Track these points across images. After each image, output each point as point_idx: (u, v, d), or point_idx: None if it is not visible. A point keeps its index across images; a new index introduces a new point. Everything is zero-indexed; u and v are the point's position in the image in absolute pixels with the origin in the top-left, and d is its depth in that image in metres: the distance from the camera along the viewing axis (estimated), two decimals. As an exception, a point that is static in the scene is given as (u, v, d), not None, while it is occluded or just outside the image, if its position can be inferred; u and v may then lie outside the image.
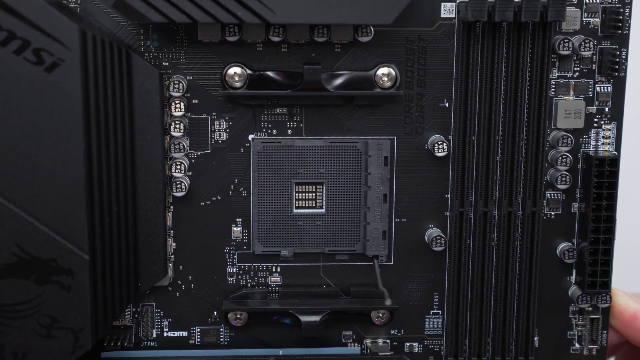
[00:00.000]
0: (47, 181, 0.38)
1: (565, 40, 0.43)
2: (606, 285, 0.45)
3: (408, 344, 0.46)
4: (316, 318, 0.44)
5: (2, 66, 0.37)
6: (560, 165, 0.44)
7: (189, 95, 0.43)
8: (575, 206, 0.45)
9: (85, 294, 0.39)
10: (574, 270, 0.46)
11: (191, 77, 0.43)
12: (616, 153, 0.44)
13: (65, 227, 0.39)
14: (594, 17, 0.43)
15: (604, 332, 0.46)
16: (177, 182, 0.43)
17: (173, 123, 0.42)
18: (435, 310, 0.46)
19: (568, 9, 0.43)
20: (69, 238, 0.39)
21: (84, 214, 0.39)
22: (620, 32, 0.43)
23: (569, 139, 0.44)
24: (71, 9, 0.41)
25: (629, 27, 0.43)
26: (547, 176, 0.44)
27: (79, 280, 0.39)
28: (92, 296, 0.40)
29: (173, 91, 0.42)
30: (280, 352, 0.45)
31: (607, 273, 0.44)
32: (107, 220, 0.40)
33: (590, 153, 0.44)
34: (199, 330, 0.46)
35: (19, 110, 0.38)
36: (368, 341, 0.46)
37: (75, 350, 0.40)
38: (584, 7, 0.43)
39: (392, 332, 0.46)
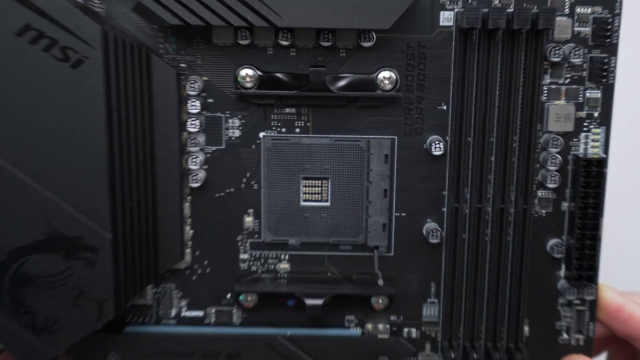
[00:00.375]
0: (74, 167, 0.39)
1: (557, 48, 0.41)
2: (592, 278, 0.43)
3: (406, 330, 0.45)
4: (319, 301, 0.43)
5: (32, 63, 0.37)
6: (550, 166, 0.42)
7: (204, 94, 0.43)
8: (565, 205, 0.43)
9: (108, 269, 0.40)
10: (563, 265, 0.44)
11: (207, 78, 0.43)
12: (604, 155, 0.42)
13: (90, 208, 0.39)
14: (585, 27, 0.42)
15: (591, 323, 0.45)
16: (194, 174, 0.43)
17: (189, 120, 0.42)
18: (432, 299, 0.45)
19: (560, 18, 0.41)
20: (94, 218, 0.39)
21: (106, 197, 0.39)
22: (609, 41, 0.42)
23: (559, 141, 0.42)
24: (96, 12, 0.41)
25: (617, 37, 0.42)
26: (539, 176, 0.43)
27: (103, 257, 0.39)
28: (114, 271, 0.40)
29: (189, 90, 0.42)
30: (288, 332, 0.44)
31: (593, 267, 0.43)
32: (129, 205, 0.40)
33: (580, 155, 0.42)
34: (213, 311, 0.45)
35: (48, 103, 0.38)
36: (369, 325, 0.45)
37: (99, 319, 0.40)
38: (575, 17, 0.42)
39: (392, 318, 0.45)
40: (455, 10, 0.42)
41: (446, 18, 0.42)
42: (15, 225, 0.38)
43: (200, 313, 0.45)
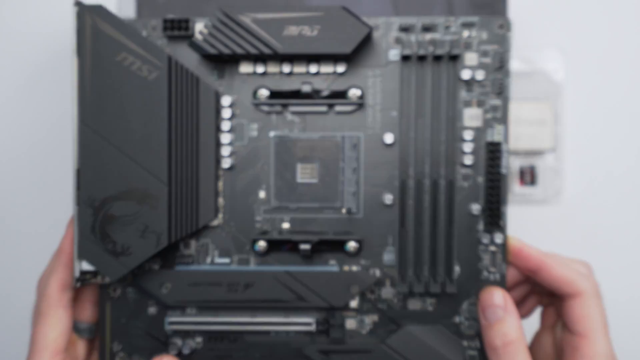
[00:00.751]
0: (146, 143, 0.54)
1: (468, 71, 0.57)
2: (499, 227, 0.56)
3: (372, 270, 0.58)
4: (308, 245, 0.57)
5: (125, 74, 0.53)
6: (467, 150, 0.57)
7: (233, 106, 0.58)
8: (479, 178, 0.57)
9: (164, 211, 0.54)
10: (481, 221, 0.57)
11: (236, 96, 0.58)
12: (502, 141, 0.57)
13: (155, 170, 0.53)
14: (487, 58, 0.57)
15: (503, 263, 0.57)
16: (225, 159, 0.58)
17: (223, 123, 0.58)
18: (390, 248, 0.58)
19: (470, 53, 0.57)
20: (156, 177, 0.54)
21: (165, 163, 0.54)
22: (503, 67, 0.57)
23: (472, 132, 0.57)
24: (163, 50, 0.58)
25: (509, 64, 0.57)
26: (460, 158, 0.57)
27: (161, 203, 0.54)
28: (168, 213, 0.54)
29: (223, 103, 0.57)
30: (288, 269, 0.57)
31: (499, 218, 0.56)
32: (179, 176, 0.55)
33: (487, 141, 0.57)
34: (237, 257, 0.59)
35: (133, 102, 0.53)
36: (346, 267, 0.58)
37: (157, 246, 0.54)
38: (480, 52, 0.57)
39: (362, 262, 0.58)
40: (399, 49, 0.58)
41: (394, 54, 0.58)
42: (106, 181, 0.53)
43: (227, 260, 0.58)
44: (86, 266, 0.54)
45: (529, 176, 0.69)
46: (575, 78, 0.69)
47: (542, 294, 0.61)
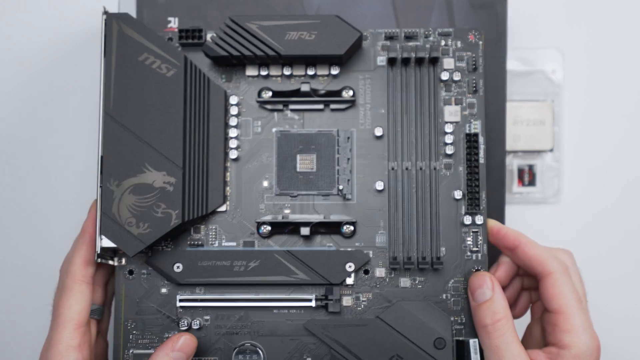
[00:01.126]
0: (164, 131, 0.59)
1: (446, 72, 0.63)
2: (479, 209, 0.62)
3: (365, 252, 0.63)
4: (307, 228, 0.62)
5: (146, 72, 0.59)
6: (448, 141, 0.63)
7: (240, 105, 0.64)
8: (460, 168, 0.63)
9: (179, 192, 0.59)
10: (463, 205, 0.63)
11: (242, 97, 0.65)
12: (479, 133, 0.63)
13: (172, 155, 0.59)
14: (462, 62, 0.64)
15: (484, 244, 0.62)
16: (232, 151, 0.64)
17: (230, 119, 0.64)
18: (382, 231, 0.63)
19: (447, 58, 0.64)
20: (173, 161, 0.59)
21: (181, 151, 0.59)
22: (477, 70, 0.64)
23: (452, 126, 0.63)
24: (180, 51, 0.64)
25: (482, 67, 0.64)
26: (442, 149, 0.63)
27: (176, 185, 0.59)
28: (182, 194, 0.59)
29: (231, 102, 0.64)
30: (290, 249, 0.62)
31: (479, 202, 0.62)
32: (192, 163, 0.61)
33: (466, 132, 0.63)
34: (242, 241, 0.63)
35: (153, 95, 0.59)
36: (341, 249, 0.63)
37: (172, 222, 0.58)
38: (457, 57, 0.64)
39: (356, 244, 0.63)
40: (387, 56, 0.64)
41: (381, 60, 0.64)
42: (127, 166, 0.59)
43: (234, 243, 0.63)
44: (106, 243, 0.59)
45: (527, 176, 0.71)
46: (574, 78, 0.69)
47: (531, 289, 0.65)
